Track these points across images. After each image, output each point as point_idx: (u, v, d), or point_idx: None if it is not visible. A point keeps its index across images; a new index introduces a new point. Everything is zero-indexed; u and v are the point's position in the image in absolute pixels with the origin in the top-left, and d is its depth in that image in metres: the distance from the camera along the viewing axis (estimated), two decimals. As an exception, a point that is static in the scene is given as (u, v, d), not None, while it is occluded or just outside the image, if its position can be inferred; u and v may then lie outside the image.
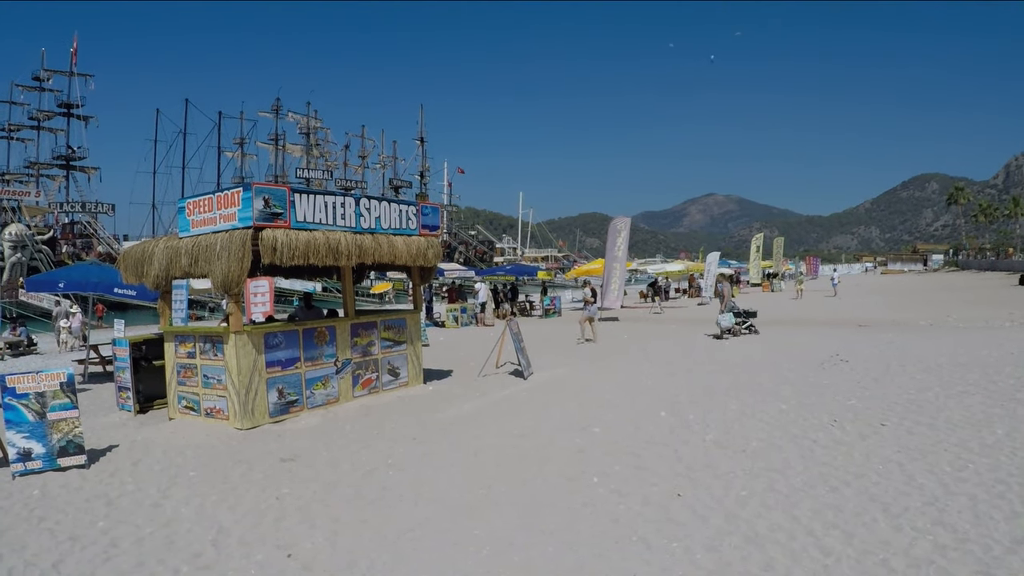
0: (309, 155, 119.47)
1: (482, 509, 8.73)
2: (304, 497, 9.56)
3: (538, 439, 11.88)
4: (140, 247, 15.41)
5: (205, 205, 14.13)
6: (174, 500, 9.76)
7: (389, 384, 16.69)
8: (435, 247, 16.83)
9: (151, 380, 16.16)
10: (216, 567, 7.54)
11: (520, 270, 53.89)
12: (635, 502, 8.67)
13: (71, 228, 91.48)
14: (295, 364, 14.58)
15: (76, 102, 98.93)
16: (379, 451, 11.63)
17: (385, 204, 16.00)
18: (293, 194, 14.00)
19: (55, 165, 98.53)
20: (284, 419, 14.18)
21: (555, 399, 15.13)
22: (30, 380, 11.59)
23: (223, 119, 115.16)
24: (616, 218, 37.02)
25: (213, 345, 14.04)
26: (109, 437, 13.56)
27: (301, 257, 13.74)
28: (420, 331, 18.10)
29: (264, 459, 11.51)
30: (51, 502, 9.95)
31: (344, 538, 8.09)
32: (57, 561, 7.92)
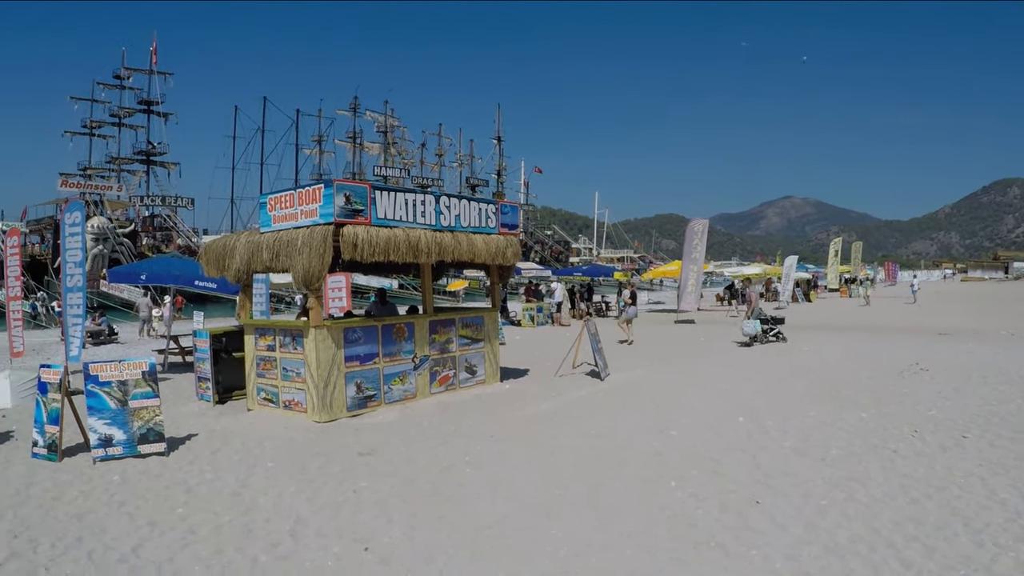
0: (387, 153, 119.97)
1: (559, 509, 8.71)
2: (381, 491, 9.60)
3: (615, 440, 11.83)
4: (221, 241, 15.62)
5: (286, 201, 14.27)
6: (252, 490, 9.87)
7: (466, 382, 16.75)
8: (514, 246, 16.84)
9: (230, 371, 16.37)
10: (293, 557, 7.61)
11: (596, 270, 53.67)
12: (713, 507, 8.61)
13: (151, 221, 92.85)
14: (373, 359, 14.67)
15: (156, 99, 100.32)
16: (456, 448, 11.65)
17: (465, 202, 16.03)
18: (374, 191, 14.09)
19: (136, 160, 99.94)
20: (361, 413, 14.27)
21: (632, 401, 15.08)
22: (113, 368, 11.83)
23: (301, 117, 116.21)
24: (694, 220, 36.74)
25: (293, 339, 14.19)
26: (188, 426, 13.77)
27: (381, 254, 13.81)
28: (498, 329, 18.14)
29: (342, 452, 11.60)
30: (131, 488, 10.12)
31: (421, 533, 8.11)
32: (136, 545, 8.05)
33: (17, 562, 7.74)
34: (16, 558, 7.84)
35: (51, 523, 8.88)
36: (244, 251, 14.69)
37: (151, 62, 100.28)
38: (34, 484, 10.47)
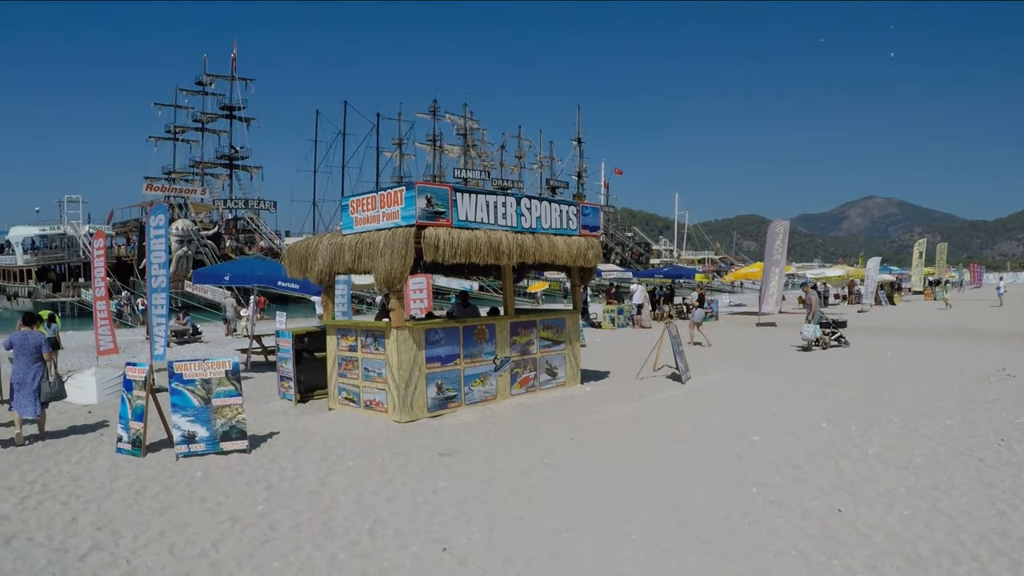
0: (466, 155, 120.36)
1: (638, 513, 8.64)
2: (461, 492, 9.62)
3: (696, 445, 11.72)
4: (304, 243, 15.76)
5: (368, 203, 14.37)
6: (332, 488, 9.94)
7: (547, 383, 16.70)
8: (595, 248, 16.76)
9: (312, 371, 16.51)
10: (372, 556, 7.63)
11: (677, 272, 53.38)
12: (794, 515, 8.47)
13: (234, 224, 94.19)
14: (454, 360, 14.70)
15: (238, 104, 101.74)
16: (536, 450, 11.62)
17: (546, 204, 15.99)
18: (455, 193, 14.12)
19: (219, 164, 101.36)
20: (442, 414, 14.31)
21: (713, 405, 14.93)
22: (197, 367, 12.06)
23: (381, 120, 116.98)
24: (775, 221, 36.37)
25: (375, 339, 14.25)
26: (270, 424, 13.94)
27: (463, 256, 13.85)
28: (579, 331, 18.06)
29: (422, 452, 11.63)
30: (213, 484, 10.28)
31: (500, 535, 8.09)
32: (217, 540, 8.17)
33: (100, 553, 7.90)
34: (99, 549, 8.01)
35: (134, 516, 9.06)
36: (326, 253, 14.81)
37: (232, 68, 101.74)
38: (118, 478, 10.70)
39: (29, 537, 8.48)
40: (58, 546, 8.17)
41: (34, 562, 7.76)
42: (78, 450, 12.50)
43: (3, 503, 9.76)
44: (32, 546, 8.20)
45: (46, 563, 7.71)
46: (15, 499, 9.91)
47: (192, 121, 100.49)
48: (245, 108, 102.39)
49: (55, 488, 10.34)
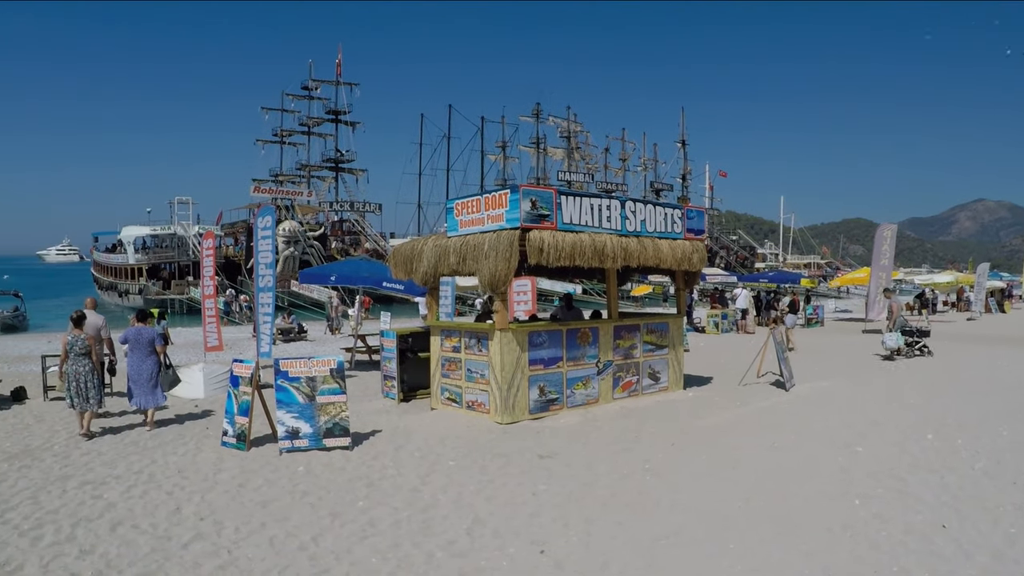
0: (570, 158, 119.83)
1: (738, 522, 8.53)
2: (560, 495, 9.59)
3: (799, 454, 11.54)
4: (410, 245, 15.93)
5: (473, 206, 14.44)
6: (432, 487, 10.01)
7: (649, 388, 16.58)
8: (700, 251, 16.61)
9: (415, 371, 16.63)
10: (470, 555, 7.66)
11: (782, 277, 52.70)
12: (897, 529, 8.27)
13: (340, 225, 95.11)
14: (557, 363, 14.66)
15: (343, 109, 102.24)
16: (637, 455, 11.54)
17: (650, 207, 15.88)
18: (559, 196, 14.10)
19: (325, 167, 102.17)
20: (543, 416, 14.29)
21: (817, 413, 14.68)
22: (302, 365, 12.30)
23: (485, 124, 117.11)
24: (882, 225, 35.63)
25: (478, 341, 14.31)
26: (373, 422, 14.09)
27: (567, 259, 13.82)
28: (682, 336, 17.88)
29: (522, 454, 11.64)
30: (314, 479, 10.44)
31: (597, 539, 8.05)
32: (317, 535, 8.29)
33: (202, 543, 8.11)
34: (201, 539, 8.22)
35: (236, 508, 9.26)
36: (431, 255, 14.95)
37: (337, 74, 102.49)
38: (222, 471, 10.97)
39: (134, 524, 8.74)
40: (162, 534, 8.40)
41: (138, 549, 7.98)
42: (184, 442, 12.83)
43: (110, 491, 10.08)
44: (137, 533, 8.45)
45: (149, 550, 7.93)
46: (122, 487, 10.22)
47: (299, 125, 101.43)
48: (350, 112, 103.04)
49: (161, 478, 10.63)
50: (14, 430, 14.24)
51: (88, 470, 11.18)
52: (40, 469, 11.32)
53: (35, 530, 8.62)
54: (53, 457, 12.04)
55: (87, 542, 8.21)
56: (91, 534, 8.45)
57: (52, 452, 12.39)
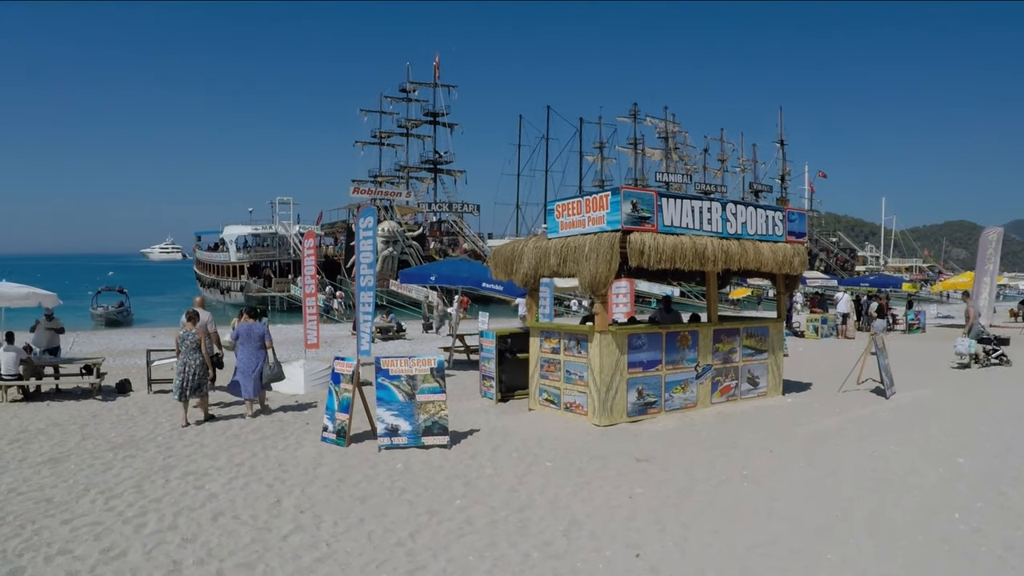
0: (668, 159, 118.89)
1: (835, 532, 8.40)
2: (656, 499, 9.56)
3: (898, 464, 11.31)
4: (510, 246, 16.00)
5: (574, 208, 14.44)
6: (529, 487, 10.05)
7: (747, 393, 16.43)
8: (801, 255, 16.41)
9: (514, 371, 16.69)
10: (566, 557, 7.67)
11: (884, 281, 51.94)
12: (997, 545, 8.05)
13: (438, 226, 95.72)
14: (656, 366, 14.60)
15: (441, 111, 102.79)
16: (734, 461, 11.46)
17: (751, 209, 15.74)
18: (660, 198, 14.03)
19: (423, 168, 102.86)
20: (641, 419, 14.23)
21: (918, 422, 14.39)
22: (403, 364, 12.50)
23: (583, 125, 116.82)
24: (987, 228, 34.75)
25: (578, 342, 14.31)
26: (471, 421, 14.22)
27: (667, 261, 13.75)
28: (782, 340, 17.70)
29: (619, 457, 11.62)
30: (413, 476, 10.57)
31: (693, 545, 8.01)
32: (414, 531, 8.40)
33: (301, 535, 8.28)
34: (300, 531, 8.40)
35: (335, 503, 9.44)
36: (532, 256, 15.02)
37: (435, 76, 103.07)
38: (322, 465, 11.18)
39: (235, 515, 8.97)
40: (262, 525, 8.60)
41: (239, 538, 8.19)
42: (284, 437, 13.10)
43: (212, 482, 10.36)
44: (237, 523, 8.68)
45: (250, 540, 8.13)
46: (223, 479, 10.50)
47: (397, 127, 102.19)
48: (448, 114, 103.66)
49: (262, 471, 10.90)
50: (119, 421, 14.69)
51: (191, 461, 11.49)
52: (144, 459, 11.66)
53: (138, 518, 8.89)
54: (156, 448, 12.40)
55: (189, 531, 8.45)
56: (193, 523, 8.70)
57: (155, 443, 12.76)
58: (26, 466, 11.27)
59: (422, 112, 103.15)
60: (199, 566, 7.45)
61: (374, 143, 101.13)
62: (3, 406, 16.32)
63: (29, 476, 10.71)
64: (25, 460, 11.64)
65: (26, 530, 8.47)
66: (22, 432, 13.65)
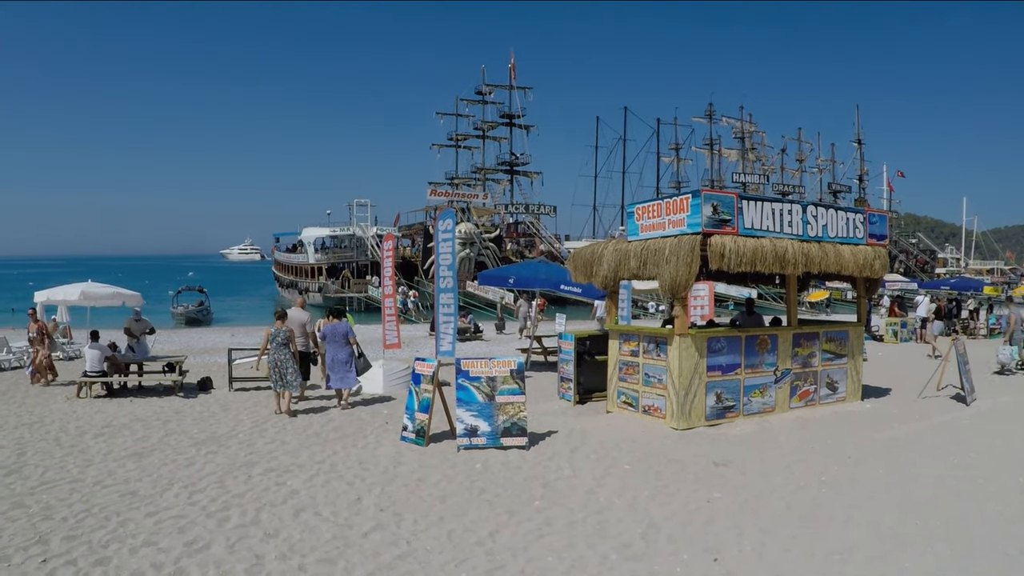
0: (744, 159, 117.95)
1: (913, 541, 8.33)
2: (734, 504, 9.56)
3: (979, 472, 11.17)
4: (589, 249, 16.03)
5: (654, 211, 14.45)
6: (607, 490, 10.08)
7: (826, 398, 16.27)
8: (882, 257, 16.23)
9: (592, 374, 16.70)
10: (644, 559, 7.70)
11: (965, 284, 51.00)
12: (1079, 556, 7.93)
13: (515, 227, 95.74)
14: (735, 370, 14.55)
15: (517, 113, 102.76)
16: (813, 466, 11.39)
17: (832, 212, 15.63)
18: (741, 201, 13.99)
19: (500, 170, 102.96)
20: (719, 423, 14.19)
21: (999, 430, 14.20)
22: (483, 365, 12.63)
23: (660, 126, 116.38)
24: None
25: (657, 345, 14.29)
26: (549, 423, 14.26)
27: (748, 264, 13.72)
28: (861, 345, 17.50)
29: (697, 461, 11.61)
30: (491, 477, 10.68)
31: (771, 550, 8.00)
32: (494, 531, 8.49)
33: (381, 533, 8.42)
34: (381, 529, 8.54)
35: (415, 501, 9.56)
36: (612, 259, 15.05)
37: (510, 78, 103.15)
38: (401, 464, 11.32)
39: (316, 512, 9.13)
40: (343, 522, 8.76)
41: (320, 535, 8.34)
42: (364, 436, 13.28)
43: (294, 479, 10.55)
44: (319, 520, 8.84)
45: (331, 537, 8.29)
46: (305, 476, 10.69)
47: (473, 129, 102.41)
48: (524, 116, 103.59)
49: (342, 469, 11.07)
50: (201, 418, 15.01)
51: (272, 458, 11.71)
52: (226, 455, 11.92)
53: (221, 512, 9.11)
54: (238, 444, 12.66)
55: (271, 526, 8.63)
56: (275, 519, 8.87)
57: (237, 440, 13.02)
58: (111, 460, 11.57)
59: (498, 114, 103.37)
60: (281, 561, 7.60)
61: (450, 145, 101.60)
62: (88, 401, 16.73)
63: (114, 469, 10.99)
64: (110, 454, 11.94)
65: (111, 522, 8.71)
66: (106, 427, 13.98)
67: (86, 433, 13.42)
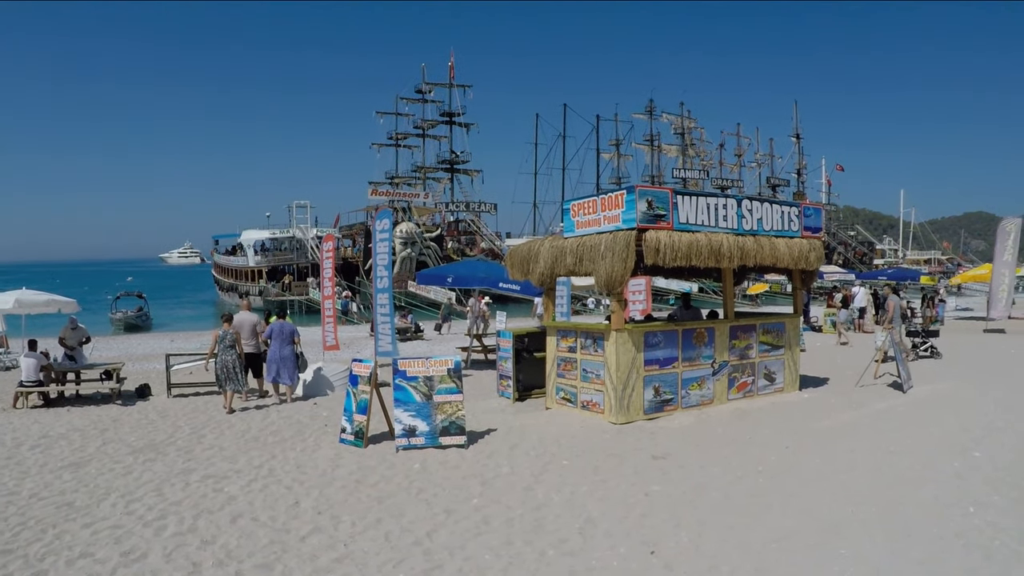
0: (684, 155, 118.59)
1: (850, 528, 8.38)
2: (672, 496, 9.58)
3: (914, 459, 11.27)
4: (526, 246, 16.05)
5: (589, 207, 14.48)
6: (545, 486, 10.08)
7: (764, 389, 16.39)
8: (817, 250, 16.39)
9: (531, 371, 16.71)
10: (581, 554, 7.70)
11: (902, 274, 51.74)
12: (1012, 539, 7.99)
13: (456, 226, 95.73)
14: (672, 363, 14.59)
15: (457, 111, 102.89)
16: (750, 457, 11.44)
17: (767, 205, 15.75)
18: (675, 196, 14.06)
19: (440, 169, 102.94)
20: (658, 417, 14.22)
21: (935, 416, 14.34)
22: (420, 365, 12.58)
23: (600, 122, 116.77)
24: (1005, 219, 34.12)
25: (594, 341, 14.30)
26: (488, 421, 14.26)
27: (683, 259, 13.77)
28: (799, 336, 17.65)
29: (636, 455, 11.63)
30: (430, 476, 10.64)
31: (708, 541, 8.02)
32: (431, 530, 8.45)
33: (319, 536, 8.36)
34: (318, 532, 8.48)
35: (353, 503, 9.52)
36: (548, 255, 15.05)
37: (450, 76, 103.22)
38: (339, 467, 11.27)
39: (254, 517, 9.05)
40: (280, 527, 8.69)
41: (257, 540, 8.26)
42: (303, 439, 13.22)
43: (231, 485, 10.46)
44: (256, 525, 8.76)
45: (268, 542, 8.21)
46: (242, 481, 10.60)
47: (413, 128, 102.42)
48: (464, 114, 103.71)
49: (280, 473, 10.99)
50: (139, 425, 14.83)
51: (210, 464, 11.61)
52: (164, 463, 11.77)
53: (159, 520, 8.98)
54: (176, 451, 12.51)
55: (208, 533, 8.53)
56: (212, 525, 8.78)
57: (175, 446, 12.88)
58: (47, 471, 11.38)
59: (438, 112, 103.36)
60: (218, 568, 7.52)
61: (390, 145, 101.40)
62: (24, 412, 16.48)
63: (50, 481, 10.81)
64: (46, 465, 11.75)
65: (48, 534, 8.56)
66: (43, 437, 13.77)
67: (22, 444, 13.21)
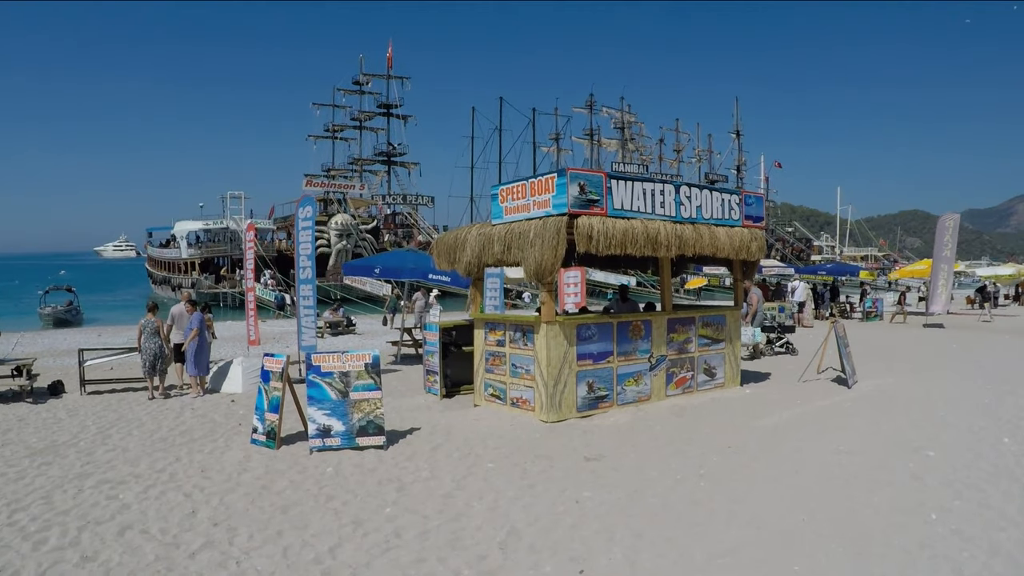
0: (624, 150, 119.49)
1: (803, 539, 7.73)
2: (606, 503, 8.96)
3: (866, 459, 10.73)
4: (453, 234, 15.52)
5: (518, 192, 13.88)
6: (467, 492, 9.49)
7: (704, 384, 15.92)
8: (759, 239, 15.93)
9: (459, 366, 16.24)
10: (500, 573, 7.06)
11: (841, 269, 52.39)
12: (980, 550, 7.39)
13: (393, 219, 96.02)
14: (607, 358, 14.05)
15: (395, 103, 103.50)
16: (691, 458, 10.86)
17: (706, 192, 15.25)
18: (610, 180, 13.49)
19: (377, 161, 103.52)
20: (592, 414, 13.70)
21: (883, 413, 13.91)
22: (335, 360, 11.90)
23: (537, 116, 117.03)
24: (944, 215, 34.53)
25: (524, 334, 13.74)
26: (412, 419, 13.70)
27: (618, 247, 13.22)
28: (740, 330, 17.19)
29: (567, 456, 11.09)
30: (342, 482, 10.03)
31: (645, 557, 7.34)
32: (335, 545, 7.80)
33: (211, 552, 7.69)
34: (211, 547, 7.80)
35: (255, 513, 8.85)
36: (475, 244, 14.48)
37: (388, 68, 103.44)
38: (247, 471, 10.59)
39: (144, 529, 8.36)
40: (170, 541, 8.01)
41: (142, 556, 7.60)
42: (213, 439, 12.59)
43: (127, 491, 9.78)
44: (145, 539, 8.07)
45: (154, 558, 7.54)
46: (140, 487, 9.90)
47: (350, 120, 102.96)
48: (402, 106, 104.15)
49: (182, 478, 10.32)
50: (44, 424, 14.12)
51: (109, 467, 10.91)
52: (61, 466, 11.04)
53: (41, 532, 8.27)
54: (77, 453, 11.79)
55: (91, 548, 7.83)
56: (97, 539, 8.07)
57: (77, 448, 12.16)
58: (-68, 476, 10.57)
59: (375, 104, 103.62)
60: (91, 589, 6.77)
61: (327, 137, 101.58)
62: (-73, 411, 15.60)
63: (-67, 488, 10.00)
64: (-67, 469, 10.94)
65: (-89, 549, 7.79)
66: (-61, 438, 12.92)
67: (-85, 446, 12.36)
